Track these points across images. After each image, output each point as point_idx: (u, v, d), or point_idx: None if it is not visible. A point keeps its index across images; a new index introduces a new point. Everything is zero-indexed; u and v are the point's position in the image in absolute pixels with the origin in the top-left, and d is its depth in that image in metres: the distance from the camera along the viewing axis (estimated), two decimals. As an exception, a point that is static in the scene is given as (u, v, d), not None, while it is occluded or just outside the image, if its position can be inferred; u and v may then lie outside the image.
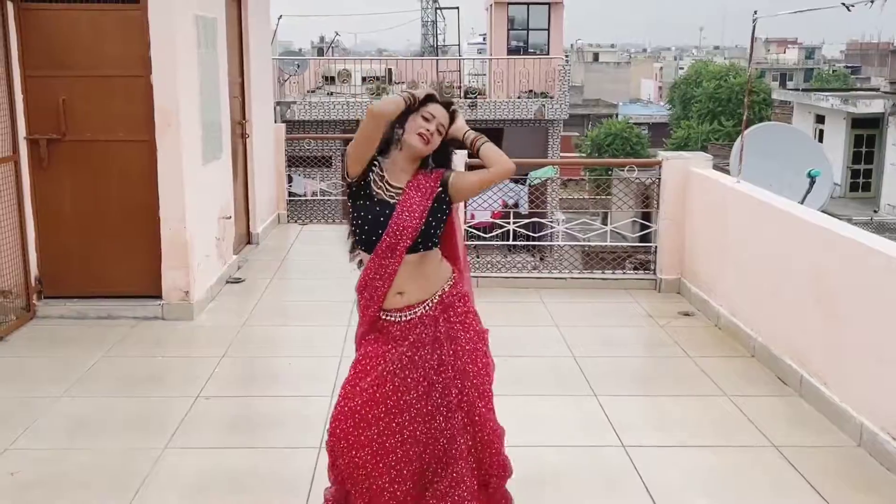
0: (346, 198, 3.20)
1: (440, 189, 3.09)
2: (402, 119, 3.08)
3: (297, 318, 6.30)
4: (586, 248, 8.52)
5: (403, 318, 3.10)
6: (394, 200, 3.06)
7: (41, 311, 6.03)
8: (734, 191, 5.95)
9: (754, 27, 5.66)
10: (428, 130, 3.05)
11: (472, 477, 3.13)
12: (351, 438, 3.04)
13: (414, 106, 3.06)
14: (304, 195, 12.15)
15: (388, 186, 3.09)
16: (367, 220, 3.07)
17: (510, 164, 3.11)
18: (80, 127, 5.89)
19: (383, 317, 3.12)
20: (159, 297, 6.07)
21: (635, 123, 48.05)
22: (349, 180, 3.10)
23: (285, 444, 4.21)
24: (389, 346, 3.12)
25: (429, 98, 3.12)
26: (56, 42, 5.82)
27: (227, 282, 7.03)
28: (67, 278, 6.09)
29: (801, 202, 5.96)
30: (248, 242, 8.46)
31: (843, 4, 4.34)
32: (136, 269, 6.09)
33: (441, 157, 3.18)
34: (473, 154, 3.11)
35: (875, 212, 23.63)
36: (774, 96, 35.07)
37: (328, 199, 11.58)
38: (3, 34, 5.67)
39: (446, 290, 3.15)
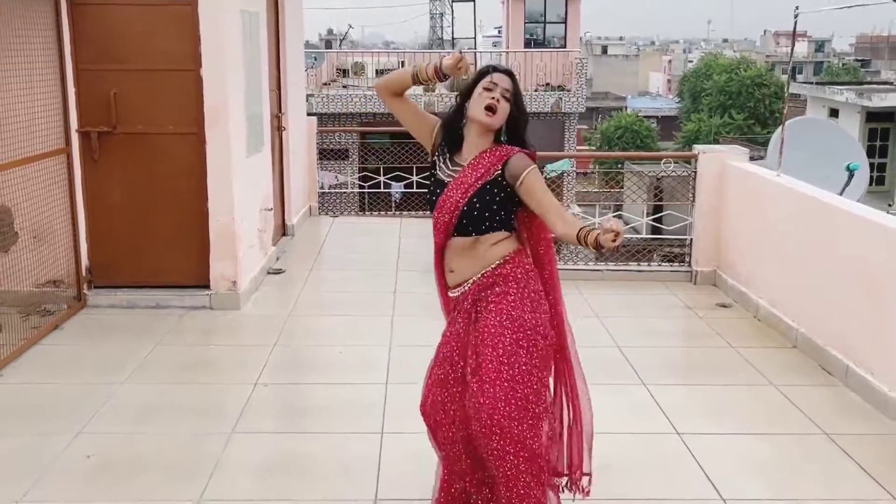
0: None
1: (499, 172, 2.99)
2: (466, 96, 3.08)
3: (340, 308, 6.40)
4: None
5: (453, 295, 3.18)
6: (449, 180, 3.09)
7: (91, 300, 6.15)
8: (775, 183, 6.03)
9: (795, 23, 5.74)
10: (494, 99, 3.00)
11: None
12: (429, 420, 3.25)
13: (422, 77, 3.08)
14: (322, 188, 12.27)
15: (449, 165, 3.12)
16: (431, 202, 3.17)
17: (566, 233, 2.90)
18: (130, 120, 6.00)
19: (448, 294, 3.24)
20: (207, 286, 6.18)
21: (644, 116, 48.05)
22: (431, 159, 3.23)
23: (349, 429, 4.32)
24: (450, 329, 3.22)
25: (485, 71, 3.08)
26: (107, 36, 5.93)
27: (268, 272, 7.14)
28: (117, 268, 6.20)
29: (840, 195, 6.03)
30: (284, 234, 8.56)
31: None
32: (185, 259, 6.20)
33: (512, 132, 3.10)
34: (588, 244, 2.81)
35: (890, 205, 23.61)
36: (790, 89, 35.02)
37: (353, 192, 11.69)
38: (57, 28, 5.77)
39: (488, 270, 3.06)
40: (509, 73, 3.10)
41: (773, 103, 43.88)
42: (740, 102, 44.38)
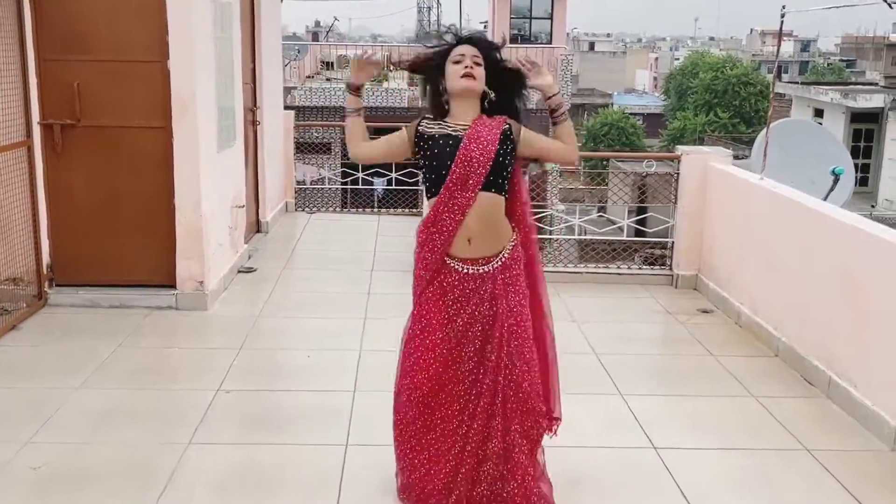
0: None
1: (507, 127, 3.14)
2: (436, 77, 3.18)
3: (311, 310, 6.21)
4: (588, 242, 8.46)
5: (467, 270, 3.17)
6: (458, 134, 3.11)
7: (52, 299, 5.94)
8: (758, 187, 5.88)
9: (782, 23, 5.59)
10: (467, 67, 3.09)
11: (506, 434, 3.20)
12: (425, 389, 3.19)
13: (353, 88, 3.21)
14: (304, 182, 12.05)
15: (450, 123, 3.16)
16: (435, 156, 3.13)
17: (577, 153, 3.25)
18: (94, 112, 5.78)
19: (448, 262, 3.18)
20: (173, 286, 5.98)
21: (630, 114, 48.05)
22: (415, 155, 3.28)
23: (311, 440, 4.14)
24: (446, 296, 3.19)
25: (450, 46, 3.18)
26: (72, 26, 5.70)
27: (239, 271, 6.94)
28: (79, 266, 5.98)
29: (825, 199, 5.89)
30: (258, 231, 8.36)
31: (885, 1, 4.28)
32: (150, 257, 5.99)
33: (506, 102, 3.23)
34: (553, 121, 3.20)
35: (873, 207, 23.64)
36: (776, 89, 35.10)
37: (334, 188, 11.48)
38: (18, 17, 5.54)
39: (507, 253, 3.20)
40: (473, 41, 3.18)
41: (758, 102, 43.97)
42: (726, 101, 44.43)
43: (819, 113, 27.57)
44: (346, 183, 11.16)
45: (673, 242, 7.05)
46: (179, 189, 5.87)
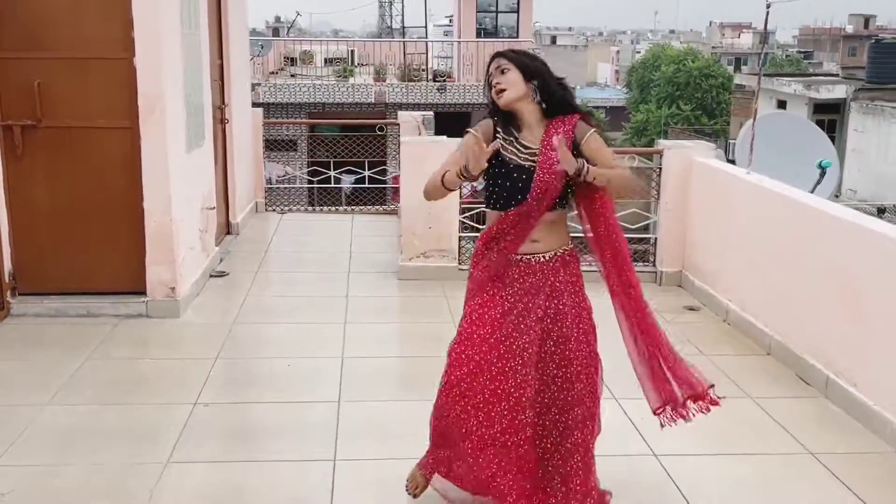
0: None
1: (573, 140, 3.12)
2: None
3: (288, 315, 5.98)
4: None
5: (526, 259, 3.18)
6: (529, 164, 3.10)
7: (15, 308, 5.65)
8: (745, 181, 5.77)
9: (767, 14, 5.47)
10: (497, 84, 3.13)
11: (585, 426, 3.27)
12: (464, 385, 3.10)
13: (469, 176, 3.04)
14: (269, 179, 11.76)
15: (521, 148, 3.13)
16: (506, 188, 3.13)
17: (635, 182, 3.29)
18: (57, 112, 5.50)
19: (515, 256, 3.20)
20: (143, 293, 5.72)
21: (593, 107, 48.18)
22: None
23: (297, 456, 3.93)
24: (506, 289, 3.18)
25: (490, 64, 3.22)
26: (31, 22, 5.42)
27: (211, 275, 6.69)
28: (44, 274, 5.70)
29: (811, 193, 5.80)
30: (228, 233, 8.10)
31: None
32: (118, 263, 5.73)
33: (556, 101, 3.15)
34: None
35: (837, 196, 23.81)
36: (736, 81, 35.31)
37: (302, 186, 11.22)
38: (-27, 12, 5.27)
39: (567, 249, 3.23)
40: (503, 54, 3.23)
41: (719, 94, 44.27)
42: (688, 93, 44.69)
43: (782, 104, 27.76)
44: (312, 181, 10.92)
45: (656, 239, 6.92)
46: (148, 191, 5.62)
